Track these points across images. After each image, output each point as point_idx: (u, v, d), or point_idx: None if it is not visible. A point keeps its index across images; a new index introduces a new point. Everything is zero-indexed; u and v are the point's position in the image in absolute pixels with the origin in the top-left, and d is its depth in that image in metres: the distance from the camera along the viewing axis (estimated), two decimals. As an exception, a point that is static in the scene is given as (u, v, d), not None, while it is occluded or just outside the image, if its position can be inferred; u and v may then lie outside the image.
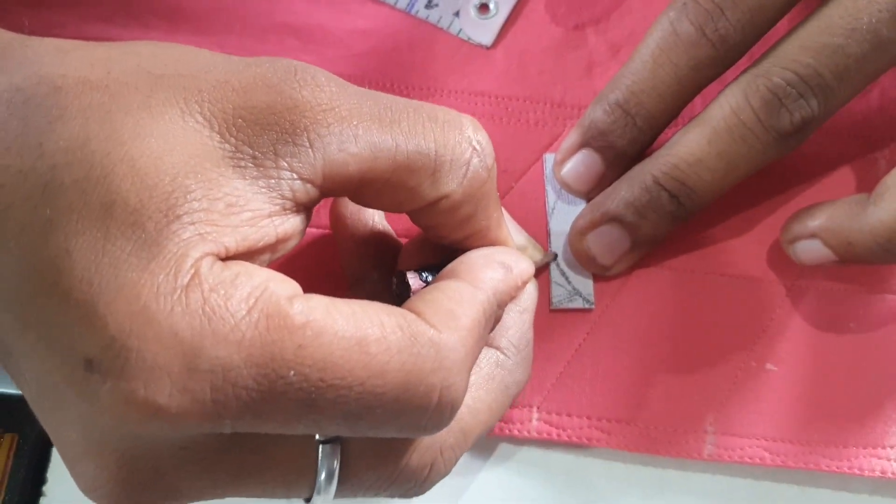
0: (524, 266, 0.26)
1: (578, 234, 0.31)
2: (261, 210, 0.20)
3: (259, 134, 0.20)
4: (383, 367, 0.20)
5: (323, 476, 0.22)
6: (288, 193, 0.20)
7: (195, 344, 0.18)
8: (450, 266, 0.25)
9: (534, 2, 0.35)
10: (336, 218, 0.29)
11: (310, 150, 0.21)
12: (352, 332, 0.19)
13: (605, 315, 0.32)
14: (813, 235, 0.29)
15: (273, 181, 0.20)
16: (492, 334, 0.26)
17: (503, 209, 0.28)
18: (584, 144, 0.31)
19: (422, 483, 0.24)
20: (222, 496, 0.22)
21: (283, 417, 0.19)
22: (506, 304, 0.25)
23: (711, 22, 0.28)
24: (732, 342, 0.31)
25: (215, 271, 0.19)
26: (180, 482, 0.21)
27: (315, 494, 0.23)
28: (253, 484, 0.22)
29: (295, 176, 0.20)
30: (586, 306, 0.32)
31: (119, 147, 0.19)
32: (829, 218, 0.29)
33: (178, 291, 0.18)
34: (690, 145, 0.29)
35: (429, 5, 0.35)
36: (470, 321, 0.22)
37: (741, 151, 0.28)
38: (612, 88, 0.30)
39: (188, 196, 0.19)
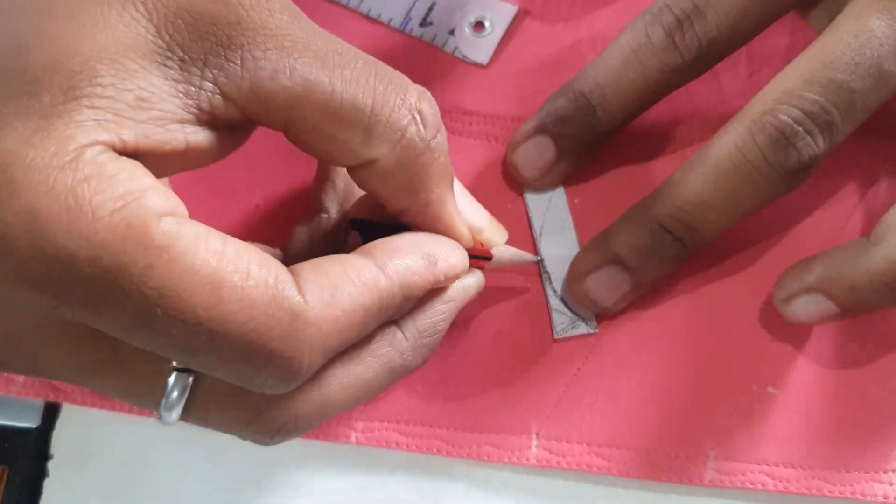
0: (454, 261, 0.25)
1: (579, 276, 0.31)
2: (172, 113, 0.20)
3: (195, 39, 0.20)
4: (228, 315, 0.19)
5: (172, 396, 0.22)
6: (206, 105, 0.20)
7: (47, 227, 0.18)
8: (371, 244, 0.24)
9: (530, 19, 0.35)
10: None
11: (239, 68, 0.20)
12: (210, 270, 0.19)
13: (604, 340, 0.32)
14: (812, 289, 0.29)
15: (193, 89, 0.20)
16: (402, 315, 0.25)
17: (461, 187, 0.27)
18: (539, 130, 0.31)
19: (270, 438, 0.24)
20: (83, 385, 0.23)
21: (117, 325, 0.19)
22: (416, 298, 0.25)
23: (682, 31, 0.29)
24: (733, 366, 0.31)
25: (98, 161, 0.18)
26: (35, 357, 0.22)
27: (163, 410, 0.23)
28: (108, 383, 0.22)
29: (217, 90, 0.20)
30: (590, 331, 0.31)
31: (46, 22, 0.19)
32: (827, 267, 0.29)
33: (50, 170, 0.18)
34: (695, 186, 0.28)
35: (423, 24, 0.35)
36: (351, 304, 0.22)
37: (747, 191, 0.28)
38: (578, 79, 0.31)
39: (94, 80, 0.19)
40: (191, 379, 0.22)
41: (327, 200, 0.29)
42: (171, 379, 0.22)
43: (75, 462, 0.32)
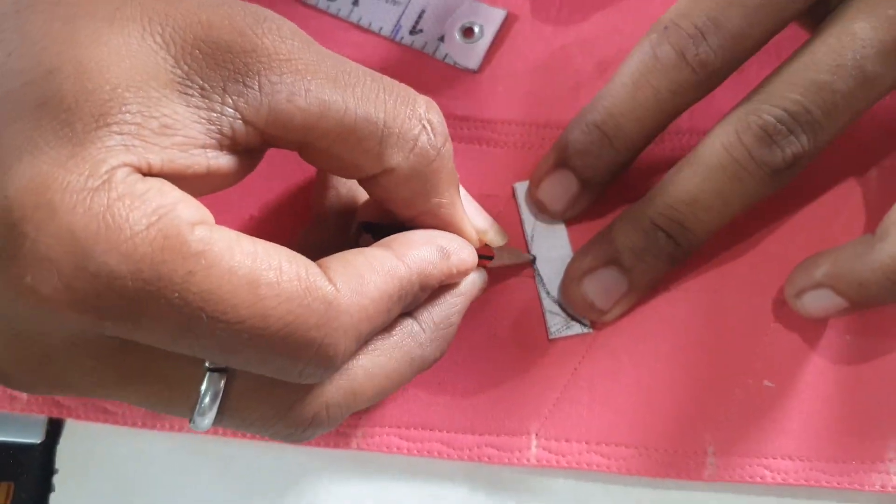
0: (465, 255, 0.27)
1: (575, 279, 0.31)
2: (195, 139, 0.21)
3: (212, 68, 0.21)
4: (267, 311, 0.20)
5: (206, 401, 0.23)
6: (227, 130, 0.21)
7: (88, 246, 0.19)
8: (389, 238, 0.25)
9: (519, 24, 0.35)
10: None
11: (258, 93, 0.21)
12: (246, 270, 0.20)
13: (600, 338, 0.32)
14: (819, 285, 0.29)
15: (215, 115, 0.21)
16: (416, 306, 0.26)
17: (465, 192, 0.28)
18: (560, 164, 0.31)
19: (302, 432, 0.25)
20: (109, 398, 0.23)
21: (160, 335, 0.20)
22: (431, 288, 0.26)
23: (693, 47, 0.28)
24: (729, 360, 0.31)
25: (129, 182, 0.19)
26: (68, 374, 0.22)
27: (196, 416, 0.23)
28: (138, 393, 0.23)
29: (238, 115, 0.21)
30: (585, 331, 0.32)
31: (71, 48, 0.20)
32: (835, 263, 0.29)
33: (86, 192, 0.19)
34: (686, 185, 0.29)
35: (414, 31, 0.35)
36: (377, 291, 0.23)
37: (735, 189, 0.28)
38: (591, 109, 0.31)
39: (123, 108, 0.19)
40: (223, 381, 0.23)
41: (330, 207, 0.30)
42: (204, 383, 0.23)
43: (80, 476, 0.32)
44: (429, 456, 0.31)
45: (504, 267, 0.31)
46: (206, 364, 0.23)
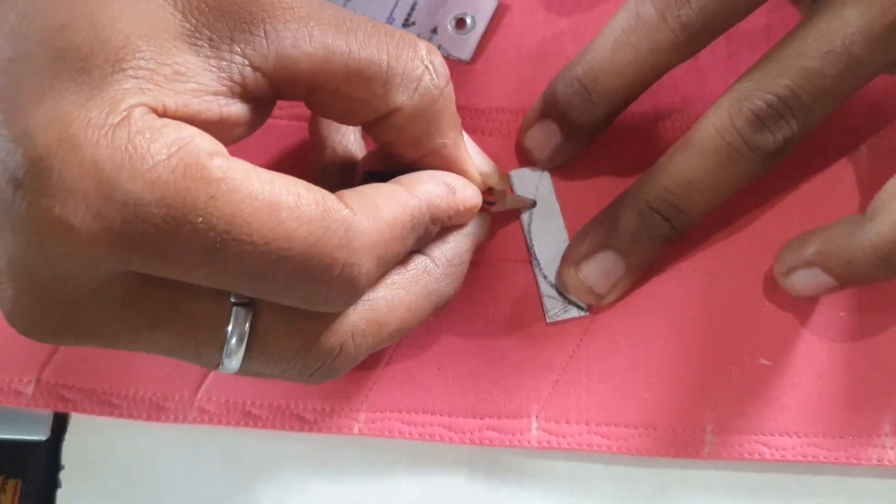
0: (470, 193, 0.28)
1: (572, 265, 0.31)
2: (207, 85, 0.21)
3: (219, 20, 0.22)
4: (290, 232, 0.21)
5: (234, 339, 0.23)
6: (237, 77, 0.22)
7: (113, 175, 0.19)
8: (397, 177, 0.26)
9: (511, 13, 0.36)
10: (313, 118, 0.31)
11: (264, 40, 0.22)
12: (266, 195, 0.21)
13: (597, 320, 0.32)
14: (809, 263, 0.30)
15: (225, 63, 0.22)
16: (428, 245, 0.27)
17: (468, 137, 0.29)
18: (544, 114, 0.32)
19: (331, 364, 0.25)
20: (136, 344, 0.23)
21: (187, 262, 0.20)
22: (441, 222, 0.27)
23: (674, 8, 0.29)
24: (724, 339, 0.32)
25: (147, 119, 0.20)
26: (96, 320, 0.22)
27: (224, 357, 0.24)
28: (166, 335, 0.23)
29: (247, 62, 0.22)
30: (582, 314, 0.32)
31: (82, 5, 0.20)
32: (824, 242, 0.30)
33: (107, 127, 0.19)
34: (680, 168, 0.29)
35: (406, 24, 0.35)
36: (391, 216, 0.24)
37: (729, 171, 0.29)
38: (575, 63, 0.31)
39: (137, 54, 0.20)
40: (250, 315, 0.23)
41: (329, 165, 0.30)
42: (231, 318, 0.23)
43: (86, 471, 0.32)
44: (430, 440, 0.31)
45: (506, 211, 0.32)
46: (232, 299, 0.23)
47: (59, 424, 0.33)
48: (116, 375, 0.32)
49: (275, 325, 0.24)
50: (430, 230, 0.26)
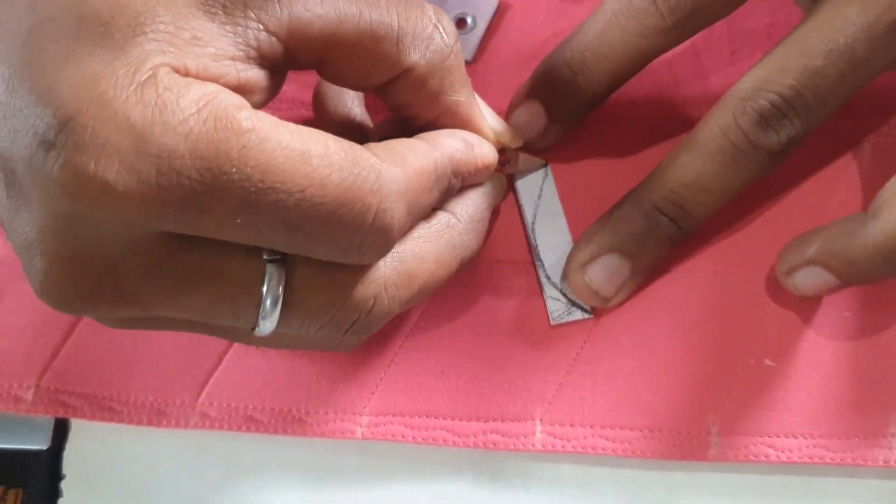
0: (487, 149, 0.28)
1: (578, 268, 0.31)
2: (224, 50, 0.21)
3: None
4: (323, 179, 0.21)
5: (269, 297, 0.23)
6: (253, 42, 0.22)
7: (145, 129, 0.19)
8: (416, 136, 0.27)
9: (511, 13, 0.36)
10: (317, 95, 0.31)
11: (277, 4, 0.22)
12: (296, 144, 0.21)
13: (600, 323, 0.32)
14: (811, 262, 0.30)
15: (240, 28, 0.22)
16: (448, 201, 0.28)
17: (477, 96, 0.29)
18: (531, 95, 0.32)
19: (366, 316, 0.25)
20: (170, 308, 0.23)
21: (223, 215, 0.20)
22: (461, 175, 0.27)
23: None
24: (729, 340, 0.32)
25: (172, 76, 0.20)
26: (131, 284, 0.22)
27: (260, 318, 0.24)
28: (201, 297, 0.23)
29: (261, 27, 0.22)
30: (585, 316, 0.32)
31: None
32: (827, 241, 0.29)
33: (135, 85, 0.20)
34: (685, 168, 0.29)
35: (406, 24, 0.35)
36: (418, 165, 0.24)
37: (733, 171, 0.29)
38: (564, 45, 0.31)
39: (156, 18, 0.20)
40: (284, 270, 0.23)
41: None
42: (266, 274, 0.23)
43: (88, 480, 0.32)
44: (434, 444, 0.31)
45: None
46: (265, 256, 0.23)
47: (60, 433, 0.33)
48: (117, 381, 0.32)
49: (309, 280, 0.24)
50: (453, 184, 0.27)
